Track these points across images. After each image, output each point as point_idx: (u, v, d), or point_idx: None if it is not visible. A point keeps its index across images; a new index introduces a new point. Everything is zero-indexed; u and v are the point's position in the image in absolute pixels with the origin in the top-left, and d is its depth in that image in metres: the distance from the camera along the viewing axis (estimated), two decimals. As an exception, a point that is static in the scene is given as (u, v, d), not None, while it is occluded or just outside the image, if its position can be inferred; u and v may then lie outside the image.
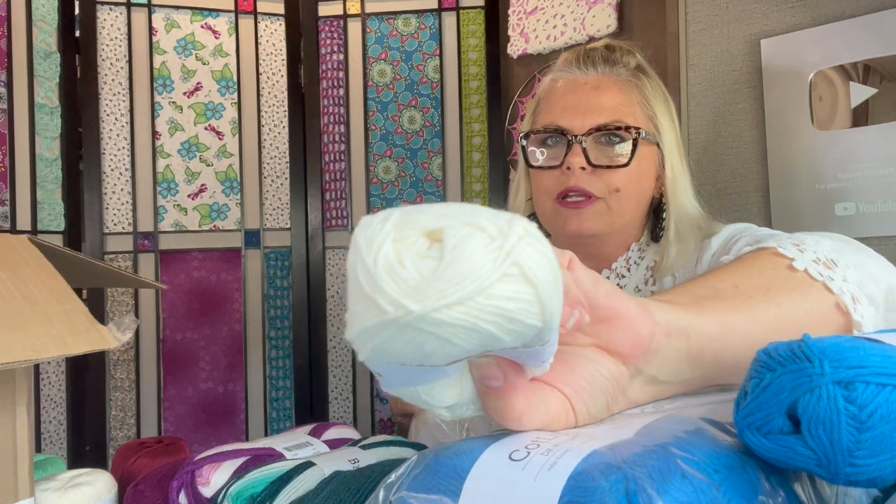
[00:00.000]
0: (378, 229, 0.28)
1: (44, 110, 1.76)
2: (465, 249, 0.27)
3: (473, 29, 2.00)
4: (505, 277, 0.27)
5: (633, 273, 0.89)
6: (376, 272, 0.27)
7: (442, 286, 0.27)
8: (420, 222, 0.28)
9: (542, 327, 0.29)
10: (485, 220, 0.28)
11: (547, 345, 0.32)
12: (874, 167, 1.08)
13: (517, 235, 0.28)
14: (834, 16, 1.12)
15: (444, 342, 0.28)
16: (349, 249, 0.29)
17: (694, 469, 0.29)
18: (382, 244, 0.28)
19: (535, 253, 0.28)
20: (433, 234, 0.28)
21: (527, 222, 0.29)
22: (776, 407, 0.30)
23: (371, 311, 0.28)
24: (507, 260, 0.27)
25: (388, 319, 0.27)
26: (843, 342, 0.30)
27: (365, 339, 0.28)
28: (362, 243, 0.28)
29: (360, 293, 0.28)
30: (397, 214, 0.29)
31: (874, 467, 0.29)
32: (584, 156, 0.83)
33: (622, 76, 0.87)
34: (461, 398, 0.36)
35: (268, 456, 0.59)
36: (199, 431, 1.93)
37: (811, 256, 0.53)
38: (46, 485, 0.54)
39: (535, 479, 0.31)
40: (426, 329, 0.27)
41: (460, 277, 0.27)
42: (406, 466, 0.35)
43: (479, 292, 0.27)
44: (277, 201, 2.02)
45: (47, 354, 0.45)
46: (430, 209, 0.29)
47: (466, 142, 2.00)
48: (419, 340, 0.28)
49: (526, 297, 0.28)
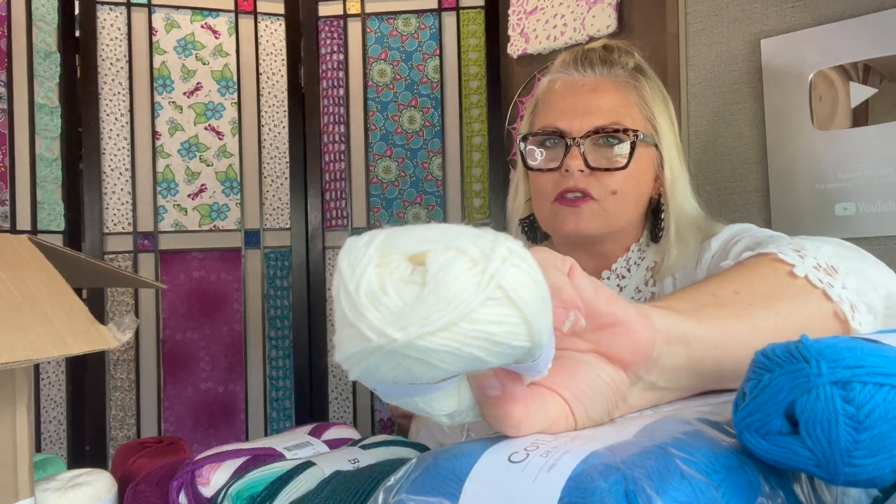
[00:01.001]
0: (361, 254, 0.28)
1: (44, 110, 1.76)
2: (448, 274, 0.27)
3: (473, 29, 2.00)
4: (489, 301, 0.27)
5: (633, 274, 0.89)
6: (359, 300, 0.27)
7: (425, 313, 0.27)
8: (403, 246, 0.28)
9: (531, 346, 0.29)
10: (468, 242, 0.28)
11: (539, 359, 0.32)
12: (874, 167, 1.08)
13: (501, 257, 0.28)
14: (834, 16, 1.12)
15: (430, 367, 0.28)
16: (335, 273, 0.29)
17: (693, 470, 0.29)
18: (365, 270, 0.28)
19: (519, 274, 0.28)
20: (416, 257, 0.28)
21: (512, 242, 0.29)
22: (774, 408, 0.30)
23: (355, 338, 0.27)
24: (491, 283, 0.27)
25: (373, 347, 0.27)
26: (840, 342, 0.30)
27: (352, 364, 0.29)
28: (345, 269, 0.28)
29: (345, 320, 0.28)
30: (381, 238, 0.29)
31: (873, 467, 0.29)
32: (582, 158, 0.83)
33: (620, 77, 0.87)
34: (460, 406, 0.36)
35: (268, 456, 0.59)
36: (199, 431, 1.93)
37: (811, 262, 0.53)
38: (46, 485, 0.54)
39: (534, 481, 0.31)
40: (411, 355, 0.27)
41: (444, 303, 0.27)
42: (405, 469, 0.36)
43: (462, 318, 0.27)
44: (277, 201, 2.02)
45: (47, 354, 0.45)
46: (413, 231, 0.29)
47: (466, 142, 2.00)
48: (405, 365, 0.28)
49: (511, 319, 0.28)
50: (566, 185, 0.84)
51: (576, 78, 0.87)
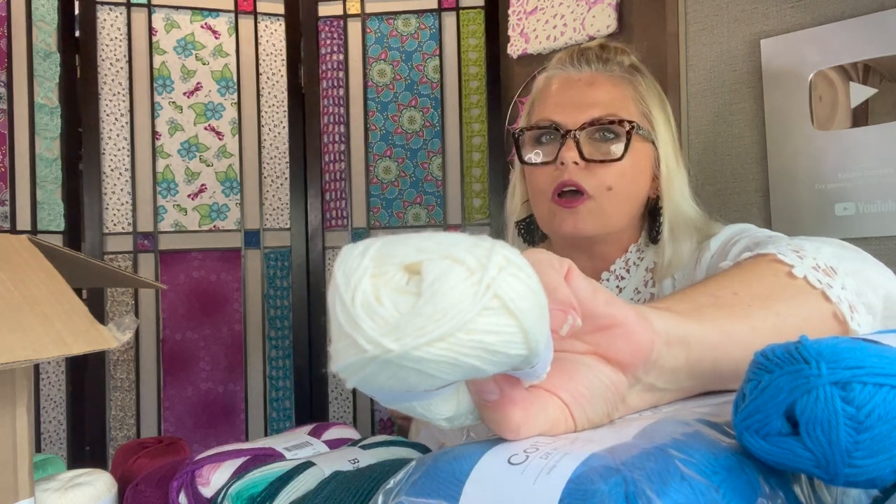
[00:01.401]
0: (356, 264, 0.28)
1: (44, 110, 1.76)
2: (445, 284, 0.27)
3: (473, 29, 2.00)
4: (485, 311, 0.27)
5: (632, 274, 0.89)
6: (354, 310, 0.27)
7: (421, 323, 0.26)
8: (399, 256, 0.28)
9: (528, 354, 0.29)
10: (464, 251, 0.28)
11: (537, 366, 0.32)
12: (874, 167, 1.08)
13: (497, 266, 0.28)
14: (834, 16, 1.12)
15: (427, 376, 0.28)
16: (330, 283, 0.29)
17: (693, 471, 0.29)
18: (360, 280, 0.27)
19: (516, 283, 0.28)
20: (412, 266, 0.28)
21: (508, 251, 0.29)
22: (774, 409, 0.30)
23: (351, 348, 0.27)
24: (488, 293, 0.27)
25: (368, 358, 0.27)
26: (840, 343, 0.30)
27: (349, 373, 0.28)
28: (340, 279, 0.28)
29: (341, 330, 0.28)
30: (376, 247, 0.29)
31: (873, 468, 0.29)
32: (577, 150, 0.83)
33: (616, 73, 0.87)
34: (458, 410, 0.36)
35: (268, 456, 0.59)
36: (199, 431, 1.93)
37: (810, 263, 0.53)
38: (46, 485, 0.54)
39: (534, 483, 0.31)
40: (407, 365, 0.27)
41: (440, 314, 0.26)
42: (405, 472, 0.35)
43: (459, 328, 0.27)
44: (277, 201, 2.02)
45: (47, 354, 0.45)
46: (409, 241, 0.29)
47: (466, 142, 2.00)
48: (402, 375, 0.28)
49: (507, 328, 0.28)
50: (562, 179, 0.84)
51: (571, 73, 0.87)
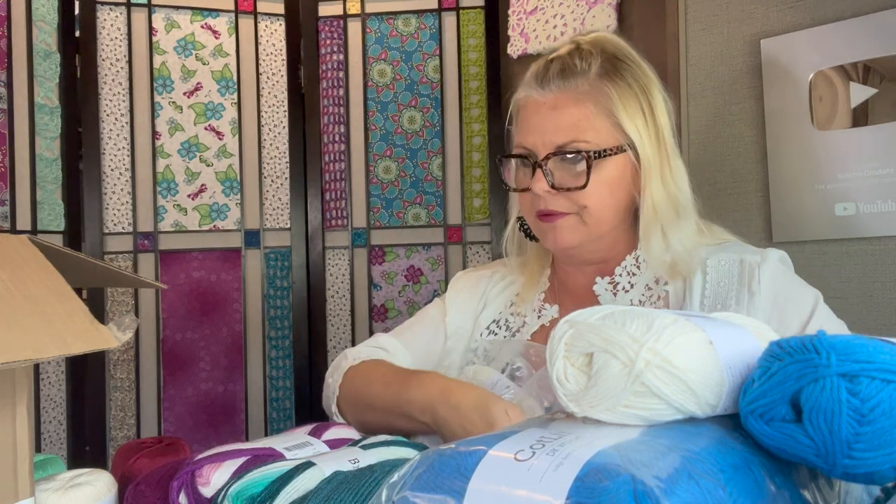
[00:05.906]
0: (556, 346, 0.42)
1: (44, 110, 1.75)
2: (604, 374, 0.39)
3: (473, 29, 2.00)
4: (635, 394, 0.38)
5: (642, 271, 0.89)
6: (553, 382, 0.42)
7: (591, 399, 0.40)
8: (579, 347, 0.41)
9: (683, 415, 0.39)
10: (619, 349, 0.39)
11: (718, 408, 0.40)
12: (874, 167, 1.08)
13: (644, 361, 0.38)
14: (834, 16, 1.12)
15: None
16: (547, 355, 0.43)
17: (700, 469, 0.29)
18: (555, 360, 0.41)
19: (661, 373, 0.38)
20: (588, 354, 0.41)
21: (658, 346, 0.38)
22: (780, 395, 0.30)
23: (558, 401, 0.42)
24: (636, 382, 0.38)
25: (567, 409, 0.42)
26: (853, 339, 0.31)
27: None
28: (548, 357, 0.42)
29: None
30: (569, 334, 0.42)
31: (872, 461, 0.29)
32: (545, 180, 0.83)
33: (581, 88, 0.84)
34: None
35: (268, 456, 0.59)
36: (199, 431, 1.92)
37: None
38: (46, 485, 0.54)
39: (541, 480, 0.30)
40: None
41: (602, 395, 0.39)
42: (409, 466, 0.35)
43: (616, 404, 0.39)
44: (277, 201, 2.02)
45: (47, 354, 0.45)
46: (589, 329, 0.41)
47: (466, 142, 2.00)
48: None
49: (655, 405, 0.38)
50: (538, 208, 0.86)
51: (537, 97, 0.86)
